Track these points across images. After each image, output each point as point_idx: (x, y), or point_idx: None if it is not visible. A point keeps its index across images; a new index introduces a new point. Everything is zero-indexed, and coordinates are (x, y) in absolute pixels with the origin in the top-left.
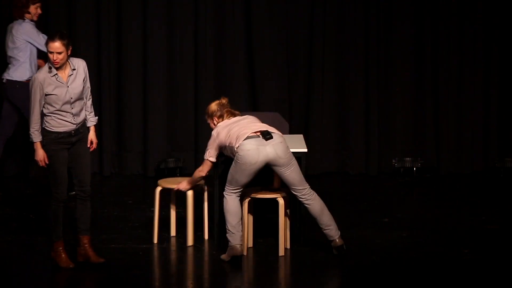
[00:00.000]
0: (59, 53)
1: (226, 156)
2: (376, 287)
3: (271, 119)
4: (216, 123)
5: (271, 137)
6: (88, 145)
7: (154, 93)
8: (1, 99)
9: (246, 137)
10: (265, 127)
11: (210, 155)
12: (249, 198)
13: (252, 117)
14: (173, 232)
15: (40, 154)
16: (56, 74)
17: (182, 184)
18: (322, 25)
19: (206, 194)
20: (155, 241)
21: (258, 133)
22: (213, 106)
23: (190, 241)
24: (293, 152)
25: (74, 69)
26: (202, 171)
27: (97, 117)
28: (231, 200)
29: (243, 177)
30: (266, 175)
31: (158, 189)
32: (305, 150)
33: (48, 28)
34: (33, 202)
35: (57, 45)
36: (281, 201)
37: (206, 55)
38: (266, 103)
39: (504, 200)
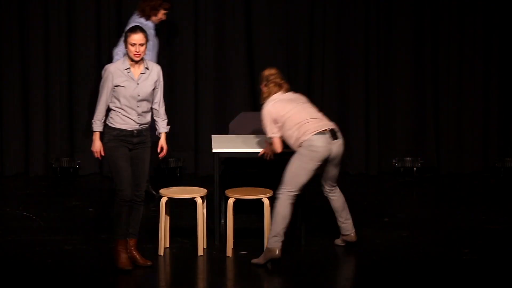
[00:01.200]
0: (141, 44)
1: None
2: (376, 287)
3: None
4: (264, 91)
5: (337, 137)
6: (158, 151)
7: None
8: None
9: (316, 132)
10: (330, 124)
11: (273, 132)
12: (233, 199)
13: (302, 98)
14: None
15: (97, 145)
16: (129, 68)
17: (267, 149)
18: (322, 25)
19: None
20: (161, 253)
21: (327, 130)
22: (265, 73)
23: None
24: (291, 153)
25: (147, 69)
26: (277, 148)
27: (169, 126)
28: (285, 202)
29: (306, 174)
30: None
31: (164, 199)
32: None
33: (48, 28)
34: (33, 202)
35: (139, 36)
36: (266, 202)
37: (206, 55)
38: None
39: (504, 200)
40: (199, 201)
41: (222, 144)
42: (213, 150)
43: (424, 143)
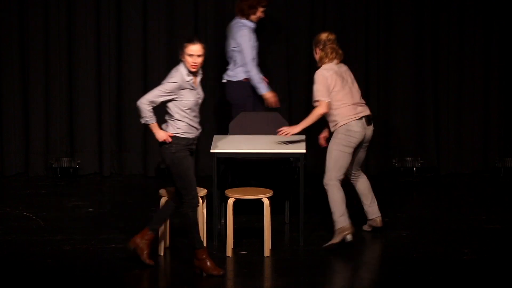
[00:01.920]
0: (199, 56)
1: None
2: (376, 287)
3: (271, 119)
4: (318, 55)
5: (371, 123)
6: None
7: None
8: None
9: (355, 118)
10: (367, 111)
11: (322, 95)
12: (233, 199)
13: (351, 75)
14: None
15: (162, 134)
16: (192, 78)
17: (287, 128)
18: (322, 25)
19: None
20: (161, 253)
21: (363, 116)
22: (322, 36)
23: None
24: (291, 153)
25: (200, 74)
26: (319, 110)
27: None
28: (336, 189)
29: (346, 157)
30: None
31: (164, 199)
32: (304, 151)
33: (48, 28)
34: (33, 202)
35: (198, 47)
36: (266, 202)
37: (206, 55)
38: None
39: (504, 200)
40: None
41: (222, 145)
42: (211, 151)
43: (424, 143)
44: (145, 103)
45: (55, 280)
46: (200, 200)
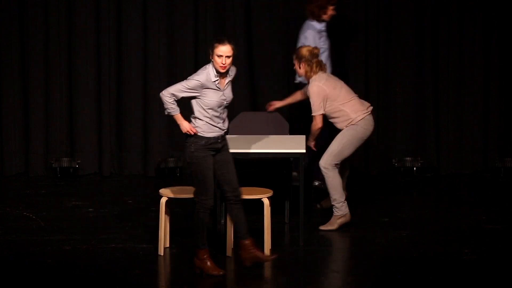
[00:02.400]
0: (228, 57)
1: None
2: (376, 287)
3: (271, 119)
4: (303, 69)
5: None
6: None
7: (154, 93)
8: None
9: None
10: (369, 104)
11: (318, 109)
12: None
13: (339, 81)
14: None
15: (186, 125)
16: (218, 79)
17: (310, 142)
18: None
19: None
20: (161, 253)
21: (371, 110)
22: (305, 51)
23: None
24: (291, 153)
25: (229, 75)
26: (317, 124)
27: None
28: (334, 173)
29: (352, 150)
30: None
31: (164, 199)
32: (304, 151)
33: (48, 28)
34: (33, 202)
35: (227, 48)
36: (266, 202)
37: (206, 55)
38: (266, 103)
39: (504, 200)
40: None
41: None
42: None
43: (424, 143)
44: (167, 95)
45: (55, 280)
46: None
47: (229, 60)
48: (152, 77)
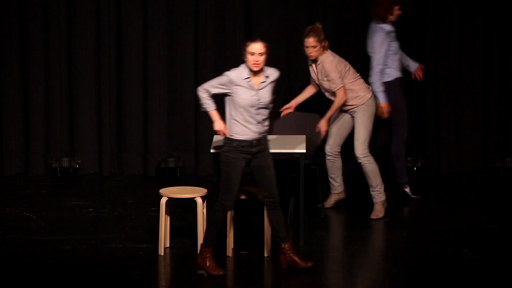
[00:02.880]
0: (261, 54)
1: None
2: (376, 287)
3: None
4: (320, 49)
5: None
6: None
7: (154, 93)
8: None
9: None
10: None
11: (341, 82)
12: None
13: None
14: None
15: (219, 124)
16: (249, 77)
17: (322, 125)
18: (322, 24)
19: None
20: (161, 253)
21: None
22: (321, 29)
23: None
24: (291, 153)
25: (267, 77)
26: (343, 97)
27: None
28: (372, 159)
29: (372, 127)
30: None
31: (164, 199)
32: (304, 151)
33: (48, 28)
34: (33, 202)
35: (259, 46)
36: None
37: (206, 55)
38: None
39: (504, 200)
40: (199, 201)
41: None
42: (211, 151)
43: (424, 143)
44: (201, 91)
45: (55, 280)
46: (200, 200)
47: (261, 58)
48: (152, 77)
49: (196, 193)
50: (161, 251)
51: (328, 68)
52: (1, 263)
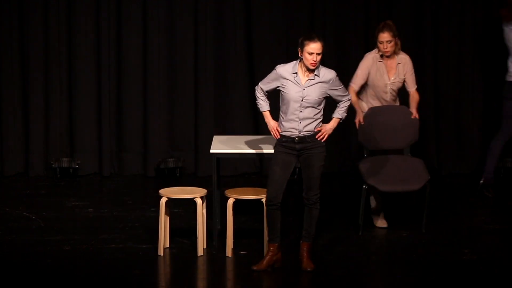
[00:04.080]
0: (318, 54)
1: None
2: (376, 287)
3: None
4: (394, 45)
5: None
6: (317, 129)
7: (154, 93)
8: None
9: None
10: None
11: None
12: (233, 199)
13: None
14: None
15: (272, 124)
16: (296, 73)
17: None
18: (322, 24)
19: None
20: (161, 253)
21: None
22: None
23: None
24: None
25: (316, 75)
26: (419, 98)
27: (345, 114)
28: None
29: None
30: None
31: (164, 200)
32: None
33: (48, 27)
34: (33, 202)
35: (318, 46)
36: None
37: (206, 55)
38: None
39: (504, 200)
40: (199, 201)
41: (222, 145)
42: (211, 151)
43: (424, 143)
44: (257, 90)
45: (55, 280)
46: (199, 200)
47: (319, 57)
48: (152, 77)
49: (195, 193)
50: (161, 251)
51: (411, 67)
52: (1, 263)
